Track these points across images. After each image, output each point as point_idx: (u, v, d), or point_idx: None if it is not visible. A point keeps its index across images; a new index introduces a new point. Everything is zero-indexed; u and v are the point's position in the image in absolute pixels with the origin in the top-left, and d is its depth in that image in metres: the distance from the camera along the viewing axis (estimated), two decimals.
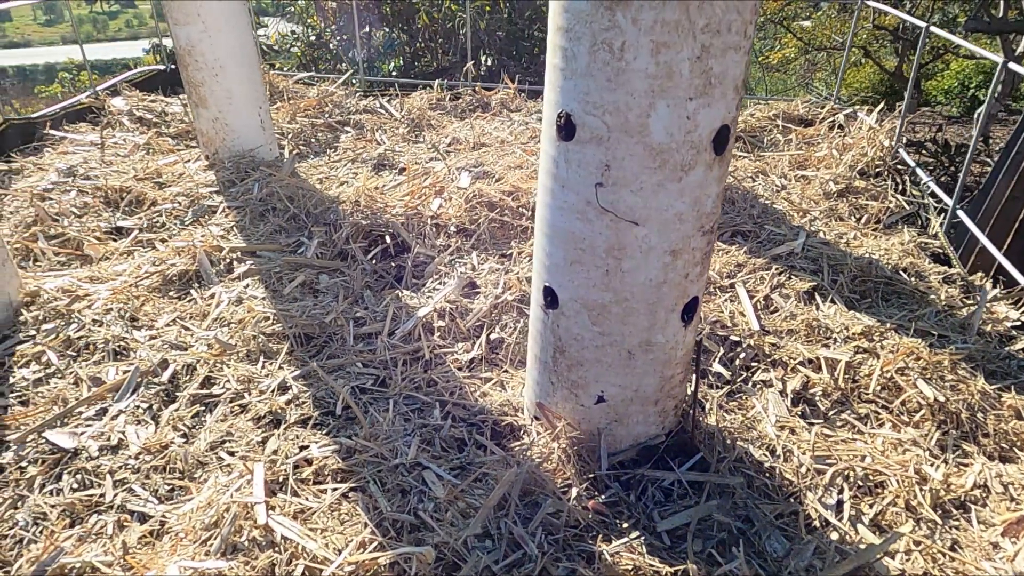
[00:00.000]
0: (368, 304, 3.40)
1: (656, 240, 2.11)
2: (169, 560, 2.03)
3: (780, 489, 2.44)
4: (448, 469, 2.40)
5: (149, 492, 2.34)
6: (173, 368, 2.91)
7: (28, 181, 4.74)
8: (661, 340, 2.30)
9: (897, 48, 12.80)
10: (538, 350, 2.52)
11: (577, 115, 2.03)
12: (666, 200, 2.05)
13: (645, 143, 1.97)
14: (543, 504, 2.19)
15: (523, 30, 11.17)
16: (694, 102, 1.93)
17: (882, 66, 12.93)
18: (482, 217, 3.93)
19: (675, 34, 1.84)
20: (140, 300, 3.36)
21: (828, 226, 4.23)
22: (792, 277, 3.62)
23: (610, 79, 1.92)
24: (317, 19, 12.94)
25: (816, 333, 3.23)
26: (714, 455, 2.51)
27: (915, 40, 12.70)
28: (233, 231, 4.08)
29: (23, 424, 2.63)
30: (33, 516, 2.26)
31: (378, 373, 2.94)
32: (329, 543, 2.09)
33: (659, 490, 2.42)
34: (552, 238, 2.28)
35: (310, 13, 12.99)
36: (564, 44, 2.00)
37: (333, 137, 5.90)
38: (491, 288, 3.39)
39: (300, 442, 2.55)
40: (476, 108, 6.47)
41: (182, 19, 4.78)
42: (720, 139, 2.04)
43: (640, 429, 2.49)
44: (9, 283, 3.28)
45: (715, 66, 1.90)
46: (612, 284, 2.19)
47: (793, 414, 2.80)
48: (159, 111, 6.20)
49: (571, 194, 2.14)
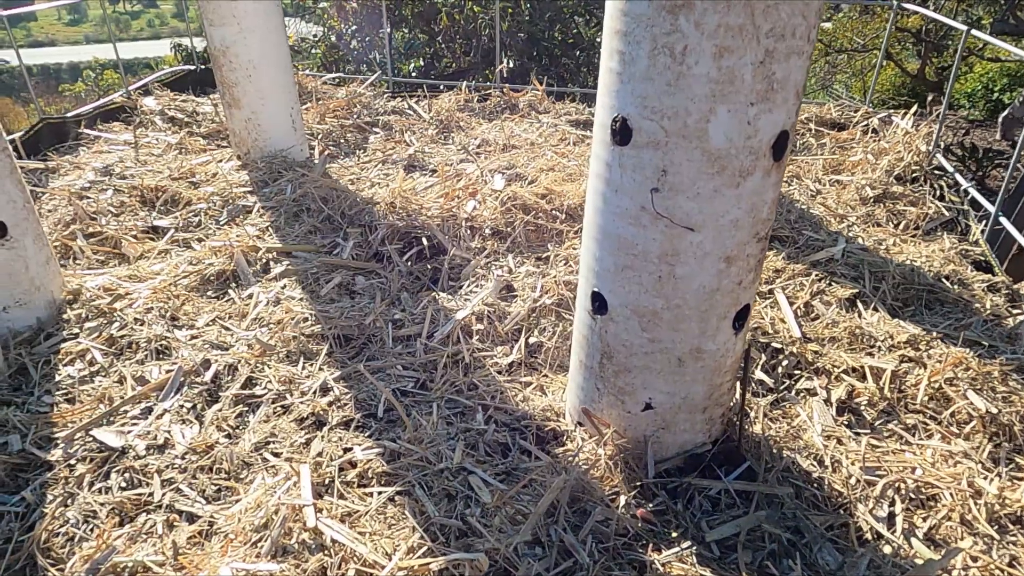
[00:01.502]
0: (405, 306, 3.40)
1: (711, 246, 2.08)
2: (220, 561, 2.03)
3: (829, 500, 2.40)
4: (493, 474, 2.39)
5: (196, 492, 2.35)
6: (215, 368, 2.92)
7: (65, 180, 4.80)
8: (712, 348, 2.28)
9: (919, 50, 12.62)
10: (583, 355, 2.50)
11: (634, 119, 2.01)
12: (723, 206, 2.03)
13: (704, 148, 1.95)
14: (592, 512, 2.17)
15: (543, 32, 11.16)
16: (755, 107, 1.90)
17: (904, 68, 12.77)
18: (517, 220, 3.92)
19: (739, 38, 1.81)
20: (180, 300, 3.38)
21: (866, 232, 4.17)
22: (832, 284, 3.57)
23: (670, 83, 1.90)
24: (337, 20, 13.01)
25: (859, 341, 3.18)
26: (761, 464, 2.48)
27: (938, 42, 12.51)
28: (268, 231, 4.09)
29: (70, 422, 2.66)
30: (83, 514, 2.28)
31: (418, 376, 2.94)
32: (378, 547, 2.08)
33: (706, 499, 2.39)
34: (602, 243, 2.26)
35: (331, 14, 13.08)
36: (622, 48, 1.98)
37: (362, 138, 5.91)
38: (528, 292, 3.37)
39: (344, 444, 2.55)
40: (504, 110, 6.46)
41: (217, 20, 4.81)
42: (779, 145, 2.01)
43: (687, 437, 2.46)
44: (52, 281, 3.31)
45: (778, 71, 1.87)
46: (664, 290, 2.17)
47: (839, 423, 2.76)
48: (190, 111, 6.25)
49: (625, 199, 2.12)
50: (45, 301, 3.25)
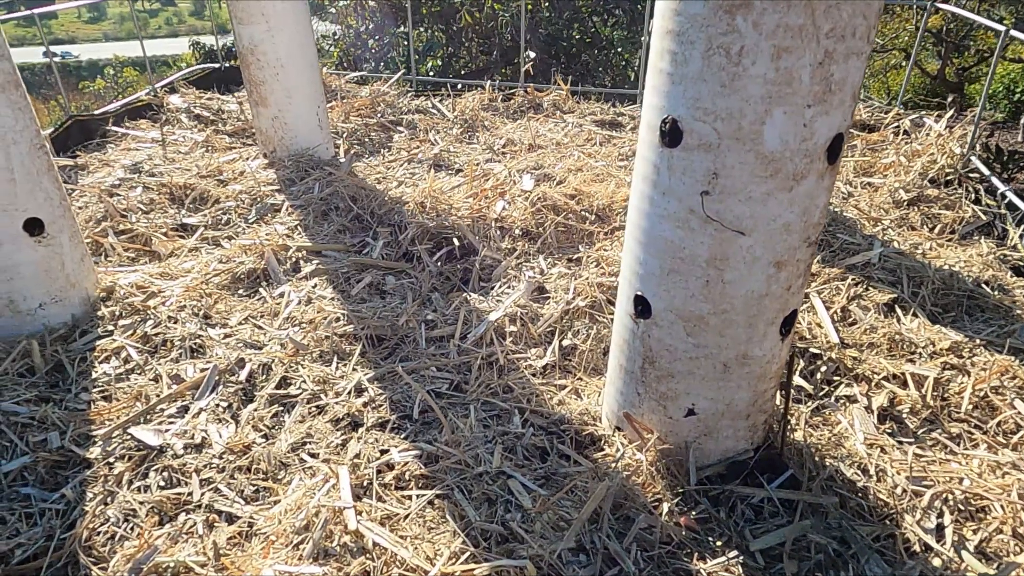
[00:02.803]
0: (437, 306, 3.38)
1: (761, 251, 2.04)
2: (262, 563, 2.02)
3: (874, 510, 2.36)
4: (533, 479, 2.36)
5: (235, 492, 2.35)
6: (249, 367, 2.91)
7: (95, 177, 4.83)
8: (758, 354, 2.24)
9: (939, 51, 12.43)
10: (624, 360, 2.46)
11: (685, 121, 1.97)
12: (775, 210, 1.99)
13: (757, 151, 1.91)
14: (636, 519, 2.14)
15: (561, 31, 11.12)
16: (812, 109, 1.86)
17: (924, 69, 12.59)
18: (548, 220, 3.89)
19: (798, 39, 1.77)
20: (213, 298, 3.39)
21: (901, 236, 4.10)
22: (870, 288, 3.51)
23: (724, 84, 1.86)
24: (354, 19, 13.04)
25: (899, 347, 3.12)
26: (804, 473, 2.43)
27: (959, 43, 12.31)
28: (297, 230, 4.09)
29: (108, 420, 2.66)
30: (123, 513, 2.27)
31: (452, 377, 2.92)
32: (419, 551, 2.06)
33: (749, 507, 2.35)
34: (647, 246, 2.23)
35: (348, 13, 13.11)
36: (674, 48, 1.94)
37: (386, 137, 5.91)
38: (561, 293, 3.34)
39: (380, 446, 2.53)
40: (527, 109, 6.43)
41: (246, 18, 4.82)
42: (834, 148, 1.96)
43: (729, 444, 2.42)
44: (87, 278, 3.33)
45: (836, 72, 1.83)
46: (712, 295, 2.13)
47: (881, 432, 2.70)
48: (216, 109, 6.28)
49: (673, 202, 2.08)
50: (80, 298, 3.26)
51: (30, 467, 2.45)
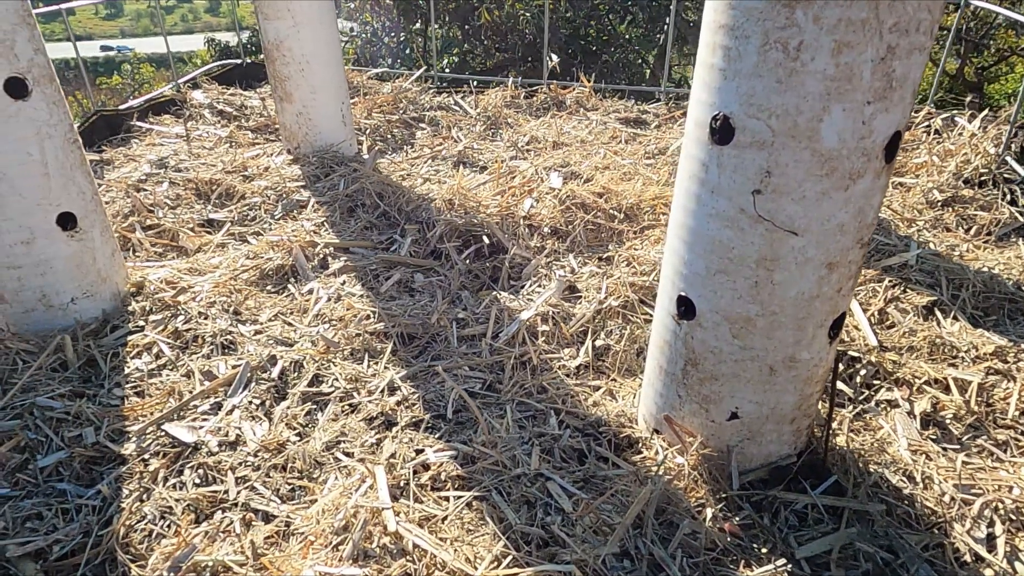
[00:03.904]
0: (467, 305, 3.35)
1: (814, 252, 1.99)
2: (302, 563, 2.00)
3: (922, 519, 2.30)
4: (571, 481, 2.32)
5: (271, 491, 2.32)
6: (281, 364, 2.89)
7: (121, 172, 4.83)
8: (806, 357, 2.18)
9: (958, 50, 12.23)
10: (664, 361, 2.42)
11: (737, 118, 1.92)
12: (829, 209, 1.93)
13: (813, 149, 1.85)
14: (680, 524, 2.10)
15: (579, 28, 11.05)
16: (872, 106, 1.80)
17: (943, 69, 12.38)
18: (577, 219, 3.85)
19: (860, 33, 1.71)
20: (243, 294, 3.37)
21: (937, 237, 4.01)
22: (907, 290, 3.44)
23: (780, 80, 1.81)
24: (370, 16, 13.04)
25: (940, 351, 3.05)
26: (849, 479, 2.38)
27: (978, 41, 12.09)
28: (324, 226, 4.07)
29: (141, 416, 2.65)
30: (159, 510, 2.26)
31: (484, 377, 2.88)
32: (460, 554, 2.03)
33: (792, 513, 2.30)
34: (693, 246, 2.18)
35: (364, 10, 13.11)
36: (728, 43, 1.89)
37: (409, 134, 5.88)
38: (593, 293, 3.30)
39: (415, 446, 2.50)
40: (550, 106, 6.38)
41: (272, 14, 4.80)
42: (892, 146, 1.91)
43: (772, 448, 2.37)
44: (117, 273, 3.32)
45: (898, 68, 1.77)
46: (760, 296, 2.08)
47: (924, 437, 2.64)
48: (238, 104, 6.28)
49: (722, 200, 2.03)
50: (111, 293, 3.26)
51: (66, 462, 2.44)
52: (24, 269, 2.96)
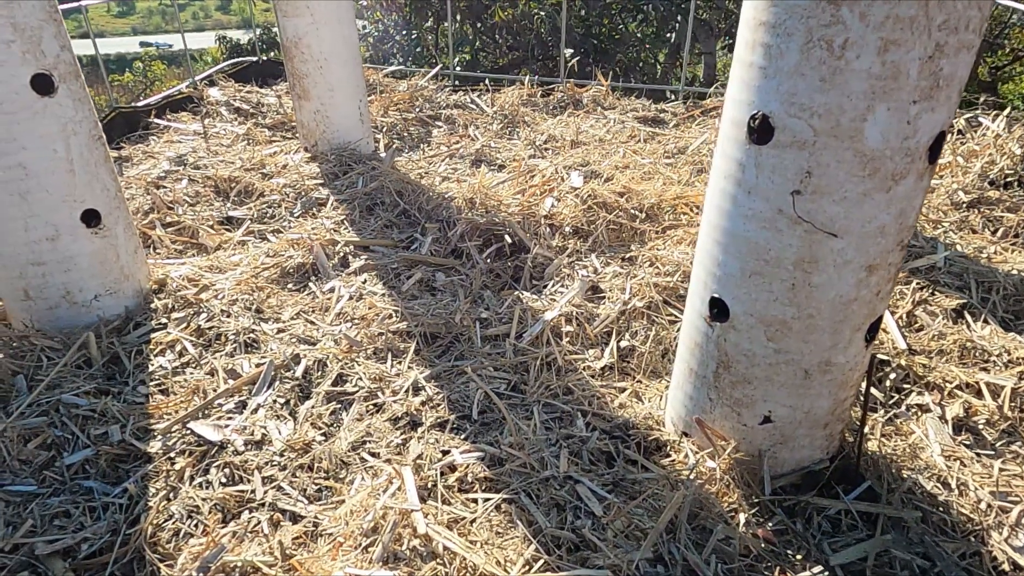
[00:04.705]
0: (489, 304, 3.33)
1: (853, 254, 1.95)
2: (332, 565, 1.98)
3: (958, 526, 2.26)
4: (600, 484, 2.29)
5: (298, 491, 2.31)
6: (305, 363, 2.88)
7: (140, 169, 4.83)
8: (841, 360, 2.15)
9: None
10: (694, 363, 2.38)
11: (778, 117, 1.88)
12: (871, 211, 1.89)
13: (856, 149, 1.82)
14: (714, 530, 2.07)
15: (591, 27, 11.01)
16: (917, 106, 1.77)
17: None
18: (600, 218, 3.81)
19: (908, 31, 1.68)
20: (264, 292, 3.36)
21: (963, 239, 3.96)
22: (936, 293, 3.39)
23: (824, 79, 1.78)
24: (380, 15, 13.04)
25: (971, 355, 3.00)
26: (883, 485, 2.34)
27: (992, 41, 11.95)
28: (343, 224, 4.06)
29: (166, 414, 2.64)
30: (187, 509, 2.25)
31: (509, 377, 2.86)
32: (491, 557, 2.00)
33: (825, 519, 2.26)
34: (727, 247, 2.14)
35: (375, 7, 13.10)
36: (768, 40, 1.85)
37: (425, 132, 5.86)
38: (617, 293, 3.27)
39: (441, 446, 2.48)
40: (567, 105, 6.34)
41: (291, 12, 4.79)
42: (936, 147, 1.87)
43: (805, 453, 2.34)
44: (140, 270, 3.32)
45: (946, 67, 1.74)
46: (797, 299, 2.05)
47: (957, 443, 2.60)
48: (255, 102, 6.28)
49: (759, 201, 2.00)
50: (133, 290, 3.25)
51: (92, 460, 2.44)
52: (48, 266, 2.96)
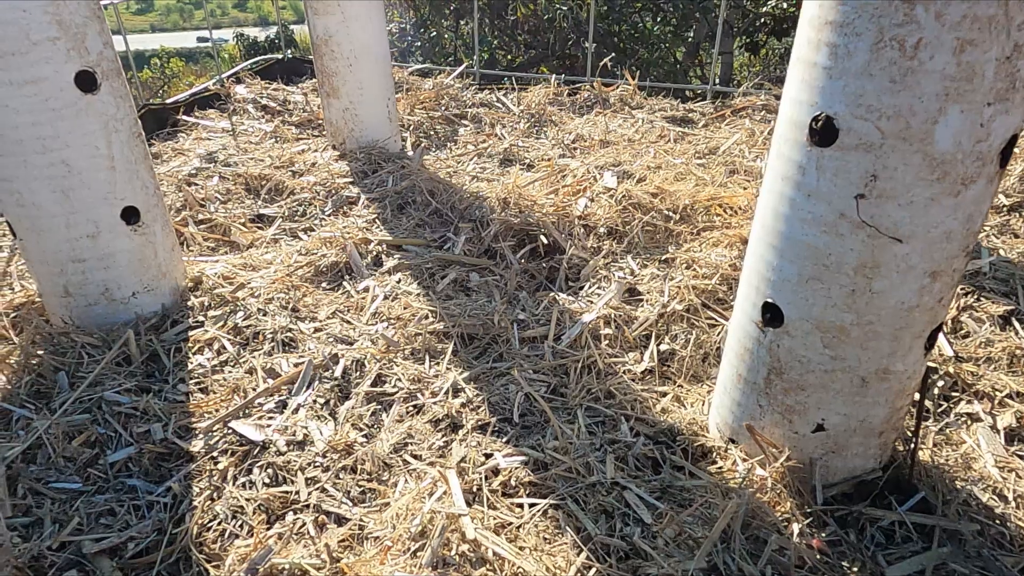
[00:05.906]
0: (525, 305, 3.30)
1: (917, 260, 1.90)
2: (380, 569, 1.96)
3: (1016, 540, 2.20)
4: (648, 491, 2.26)
5: (342, 493, 2.29)
6: (343, 363, 2.86)
7: (171, 166, 4.85)
8: (900, 368, 2.10)
9: None
10: (744, 369, 2.34)
11: (843, 119, 1.84)
12: (938, 216, 1.84)
13: (925, 152, 1.77)
14: (768, 540, 2.02)
15: (612, 25, 10.94)
16: (991, 108, 1.71)
17: None
18: (635, 220, 3.77)
19: (986, 31, 1.62)
20: (300, 291, 3.35)
21: (1006, 243, 3.87)
22: (982, 299, 3.31)
23: (894, 80, 1.73)
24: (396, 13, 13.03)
25: (1020, 363, 2.93)
26: (937, 496, 2.29)
27: None
28: (375, 223, 4.04)
29: (207, 413, 2.63)
30: (231, 509, 2.24)
31: (549, 380, 2.83)
32: (542, 564, 1.97)
33: (879, 530, 2.21)
34: (783, 251, 2.10)
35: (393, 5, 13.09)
36: (835, 40, 1.81)
37: (451, 131, 5.84)
38: (656, 296, 3.23)
39: (483, 449, 2.46)
40: (594, 104, 6.30)
41: (322, 9, 4.78)
42: (1007, 150, 1.82)
43: (857, 462, 2.29)
44: (176, 267, 3.32)
45: (1023, 67, 1.68)
46: (856, 305, 2.00)
47: (1011, 453, 2.53)
48: (281, 99, 6.28)
49: (820, 205, 1.95)
50: (170, 288, 3.25)
51: (135, 458, 2.44)
52: (88, 263, 2.96)
